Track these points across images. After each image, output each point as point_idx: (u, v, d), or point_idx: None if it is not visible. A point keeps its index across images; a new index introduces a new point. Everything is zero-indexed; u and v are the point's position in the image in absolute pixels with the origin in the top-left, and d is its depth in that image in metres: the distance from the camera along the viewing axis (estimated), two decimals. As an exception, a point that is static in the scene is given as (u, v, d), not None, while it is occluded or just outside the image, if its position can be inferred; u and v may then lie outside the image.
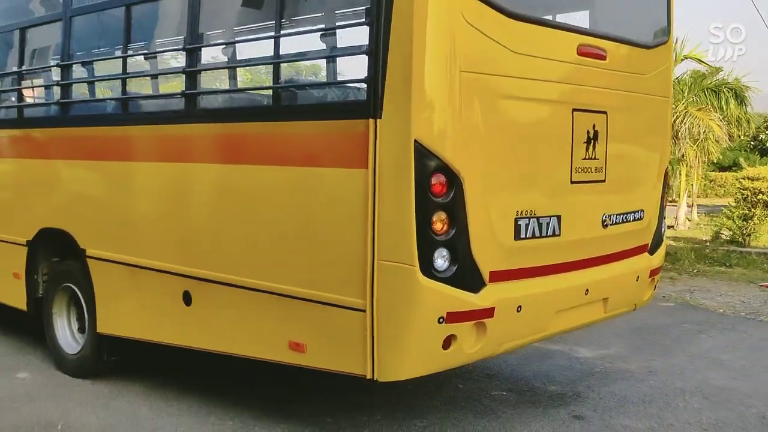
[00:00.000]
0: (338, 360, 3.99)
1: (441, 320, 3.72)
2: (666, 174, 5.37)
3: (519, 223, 4.06)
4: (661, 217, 5.36)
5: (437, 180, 3.65)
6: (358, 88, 3.88)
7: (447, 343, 3.79)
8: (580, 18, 5.07)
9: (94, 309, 5.47)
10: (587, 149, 4.45)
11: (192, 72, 4.71)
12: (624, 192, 4.91)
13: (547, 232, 4.24)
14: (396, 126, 3.63)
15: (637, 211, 5.02)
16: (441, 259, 3.70)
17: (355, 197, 3.78)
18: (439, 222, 3.68)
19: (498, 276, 3.97)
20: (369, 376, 3.82)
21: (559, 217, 4.31)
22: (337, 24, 4.37)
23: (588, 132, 4.44)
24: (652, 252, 5.27)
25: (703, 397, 5.57)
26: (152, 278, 4.98)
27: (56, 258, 5.94)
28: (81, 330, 5.79)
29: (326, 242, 3.99)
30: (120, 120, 5.50)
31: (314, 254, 4.07)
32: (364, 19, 3.81)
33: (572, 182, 4.39)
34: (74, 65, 5.78)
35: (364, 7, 3.91)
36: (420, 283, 3.65)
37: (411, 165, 3.59)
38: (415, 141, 3.59)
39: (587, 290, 4.58)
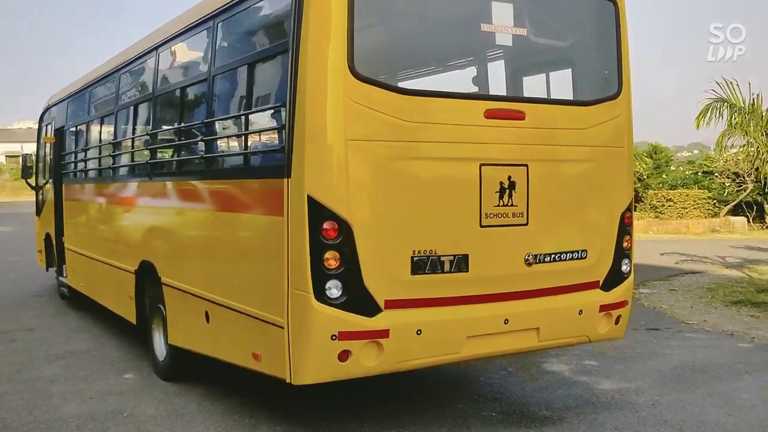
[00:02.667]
0: (275, 367, 5.05)
1: (334, 337, 4.68)
2: (624, 217, 5.82)
3: (415, 260, 4.91)
4: (620, 257, 5.82)
5: (329, 226, 4.65)
6: (281, 155, 4.98)
7: (343, 356, 4.74)
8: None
9: (167, 324, 7.00)
10: (501, 197, 5.16)
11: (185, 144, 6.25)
12: (556, 234, 5.50)
13: (450, 269, 5.02)
14: (298, 184, 4.71)
15: (577, 251, 5.57)
16: (334, 289, 4.68)
17: (278, 239, 4.87)
18: (332, 259, 4.66)
19: (394, 304, 4.85)
20: (288, 381, 4.87)
21: (466, 256, 5.07)
22: (268, 107, 5.52)
23: (501, 183, 5.16)
24: (607, 288, 5.76)
25: (677, 430, 5.85)
26: (192, 300, 6.36)
27: (154, 284, 7.54)
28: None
29: (268, 273, 5.10)
30: (165, 175, 7.21)
31: (262, 282, 5.22)
32: (281, 103, 4.95)
33: (482, 226, 5.12)
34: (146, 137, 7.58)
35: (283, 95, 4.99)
36: (313, 307, 4.66)
37: (305, 214, 4.64)
38: (308, 195, 4.63)
39: (506, 320, 5.25)
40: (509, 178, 5.20)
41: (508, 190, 5.19)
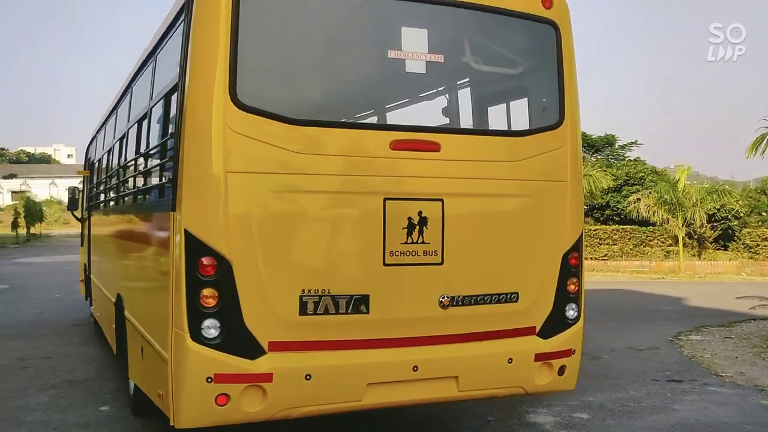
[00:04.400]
0: (167, 407, 4.85)
1: (210, 380, 4.43)
2: (568, 258, 5.31)
3: (305, 300, 4.60)
4: (563, 301, 5.31)
5: (206, 262, 4.42)
6: (169, 188, 4.80)
7: (222, 400, 4.47)
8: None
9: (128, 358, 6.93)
10: (410, 234, 4.80)
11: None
12: (478, 275, 5.06)
13: (347, 310, 4.68)
14: (179, 217, 4.53)
15: (505, 294, 5.11)
16: (212, 328, 4.44)
17: (166, 274, 4.70)
18: (209, 297, 4.44)
19: (279, 346, 4.55)
20: (172, 423, 4.65)
21: (366, 297, 4.72)
22: (166, 139, 5.32)
23: (410, 218, 4.79)
24: (546, 335, 5.25)
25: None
26: (136, 335, 6.27)
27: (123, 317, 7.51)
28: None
29: (162, 309, 4.91)
30: (119, 209, 7.50)
31: (160, 319, 5.01)
32: (171, 137, 4.81)
33: (386, 264, 4.76)
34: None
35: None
36: (188, 347, 4.43)
37: (182, 249, 4.45)
38: (185, 230, 4.44)
39: (415, 367, 4.84)
40: (420, 213, 4.83)
41: (418, 227, 4.82)
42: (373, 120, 5.36)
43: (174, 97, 5.17)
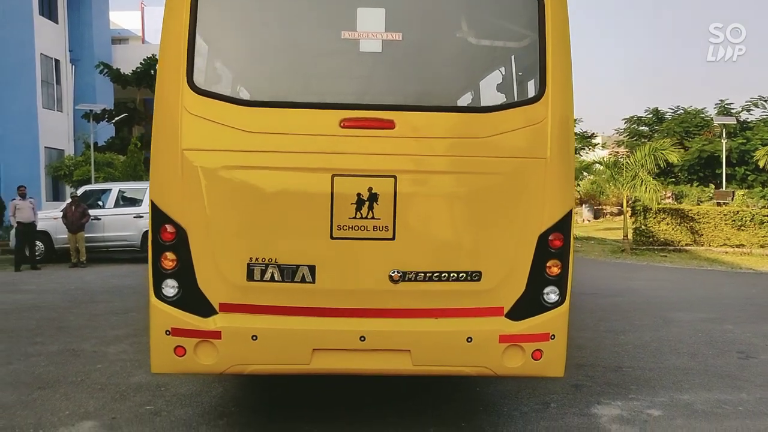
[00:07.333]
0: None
1: (168, 332, 5.04)
2: (547, 239, 5.05)
3: (252, 267, 4.99)
4: (540, 284, 5.09)
5: (165, 229, 5.02)
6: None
7: (179, 352, 5.05)
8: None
9: None
10: (359, 209, 4.94)
11: None
12: (434, 252, 5.04)
13: (292, 278, 4.98)
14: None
15: (464, 272, 5.02)
16: (170, 288, 5.04)
17: None
18: (168, 260, 5.03)
19: (229, 307, 5.02)
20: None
21: (312, 267, 4.98)
22: None
23: (360, 194, 4.94)
24: (516, 317, 5.10)
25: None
26: None
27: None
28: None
29: None
30: None
31: None
32: None
33: (333, 238, 4.97)
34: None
35: None
36: (151, 303, 5.07)
37: (149, 217, 5.09)
38: (151, 201, 5.07)
39: (362, 337, 5.00)
40: (370, 189, 4.95)
41: (367, 202, 4.95)
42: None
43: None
